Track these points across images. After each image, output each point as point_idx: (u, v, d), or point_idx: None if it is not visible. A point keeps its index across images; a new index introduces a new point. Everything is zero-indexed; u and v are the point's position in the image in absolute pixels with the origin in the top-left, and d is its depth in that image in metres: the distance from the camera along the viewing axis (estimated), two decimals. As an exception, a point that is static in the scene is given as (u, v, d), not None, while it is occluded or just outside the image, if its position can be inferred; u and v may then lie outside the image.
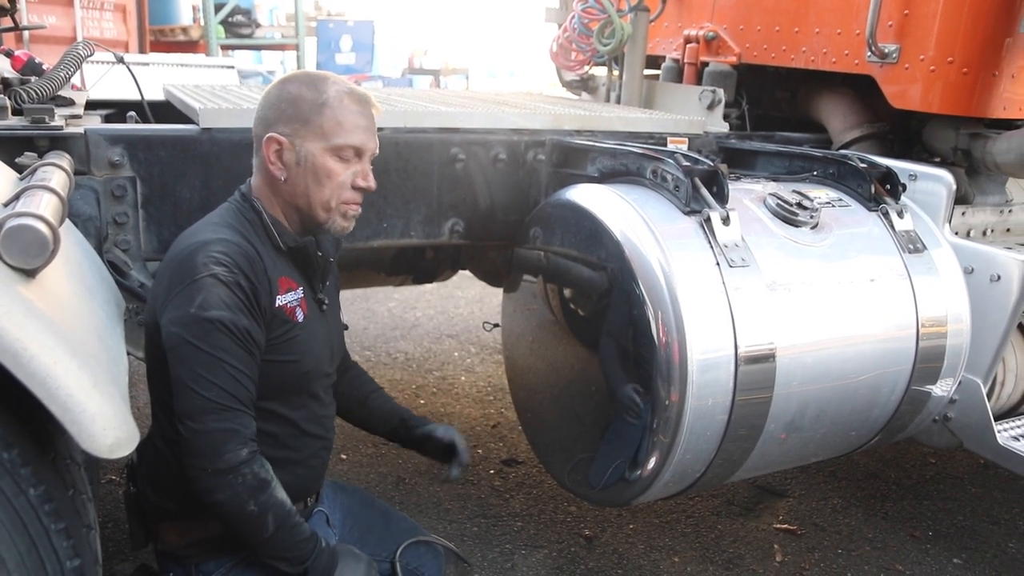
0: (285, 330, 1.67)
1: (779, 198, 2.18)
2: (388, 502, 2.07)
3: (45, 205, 1.40)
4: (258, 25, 11.75)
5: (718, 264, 1.97)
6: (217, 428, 1.51)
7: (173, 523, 1.72)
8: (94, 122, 2.30)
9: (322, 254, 1.79)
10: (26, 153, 1.91)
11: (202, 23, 10.66)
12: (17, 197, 1.45)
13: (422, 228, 2.48)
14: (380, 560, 1.84)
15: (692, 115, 2.99)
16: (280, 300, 1.66)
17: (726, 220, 2.02)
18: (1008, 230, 2.71)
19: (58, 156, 1.91)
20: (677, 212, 2.06)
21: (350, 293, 5.07)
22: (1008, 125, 2.63)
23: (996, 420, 2.37)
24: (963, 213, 2.59)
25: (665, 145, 2.72)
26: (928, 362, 2.23)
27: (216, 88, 2.98)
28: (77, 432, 1.24)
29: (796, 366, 2.02)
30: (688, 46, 3.32)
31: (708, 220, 2.02)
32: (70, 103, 2.39)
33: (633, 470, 2.05)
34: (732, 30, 3.20)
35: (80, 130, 2.07)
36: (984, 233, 2.65)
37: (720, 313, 1.94)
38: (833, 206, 2.29)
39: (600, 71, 3.74)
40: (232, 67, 7.41)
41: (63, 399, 1.23)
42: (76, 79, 2.94)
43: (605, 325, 2.12)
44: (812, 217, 2.16)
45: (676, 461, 1.99)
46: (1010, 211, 2.72)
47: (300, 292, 1.72)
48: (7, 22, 2.92)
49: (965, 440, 2.41)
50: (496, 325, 2.81)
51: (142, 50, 8.70)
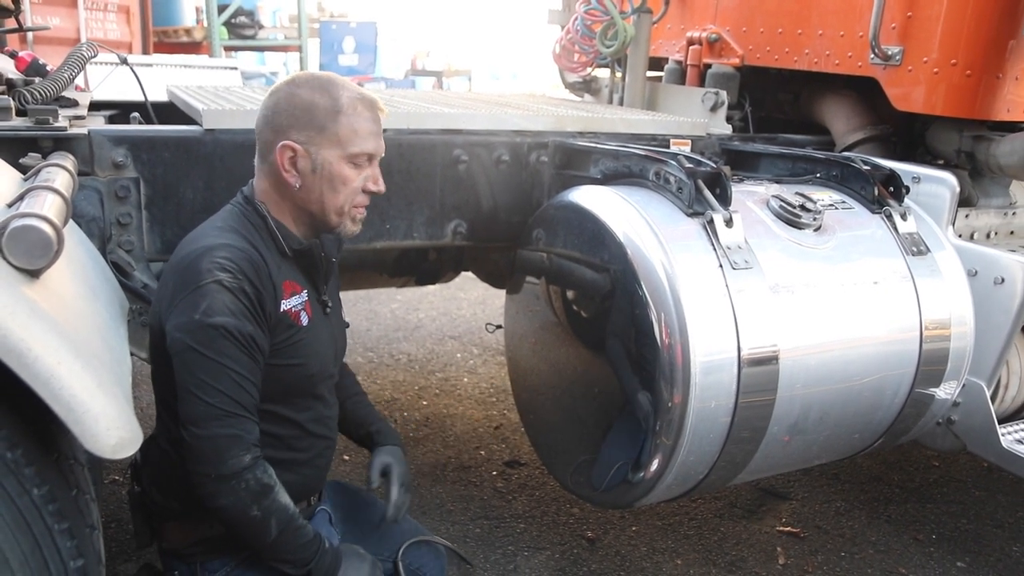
0: (290, 334, 1.67)
1: (782, 200, 2.18)
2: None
3: (49, 206, 1.40)
4: (261, 26, 11.74)
5: (721, 266, 1.97)
6: (220, 434, 1.51)
7: (178, 522, 1.72)
8: (98, 123, 2.31)
9: (324, 255, 1.80)
10: (30, 154, 1.91)
11: (205, 24, 10.66)
12: (21, 198, 1.45)
13: (425, 229, 2.48)
14: (382, 560, 1.83)
15: (695, 117, 2.99)
16: (285, 305, 1.66)
17: (729, 222, 2.02)
18: (1012, 233, 2.70)
19: (62, 157, 1.91)
20: (680, 214, 2.06)
21: (353, 294, 5.07)
22: (1012, 127, 2.62)
23: (1000, 423, 2.36)
24: (967, 215, 2.59)
25: (668, 147, 2.72)
26: (932, 365, 2.23)
27: (219, 89, 2.98)
28: (81, 432, 1.24)
29: (799, 368, 2.01)
30: (691, 48, 3.31)
31: (711, 222, 2.02)
32: (74, 104, 2.39)
33: (636, 472, 2.04)
34: (735, 32, 3.20)
35: (84, 131, 2.08)
36: (988, 236, 2.64)
37: (723, 315, 1.93)
38: (836, 208, 2.29)
39: (603, 73, 3.73)
40: (235, 68, 7.42)
41: (67, 399, 1.23)
42: (80, 80, 2.94)
43: (608, 327, 2.12)
44: (815, 219, 2.16)
45: (679, 463, 1.99)
46: (1014, 213, 2.71)
47: (304, 295, 1.72)
48: (11, 23, 2.93)
49: (969, 443, 2.40)
50: (499, 327, 2.81)
51: (145, 51, 8.71)
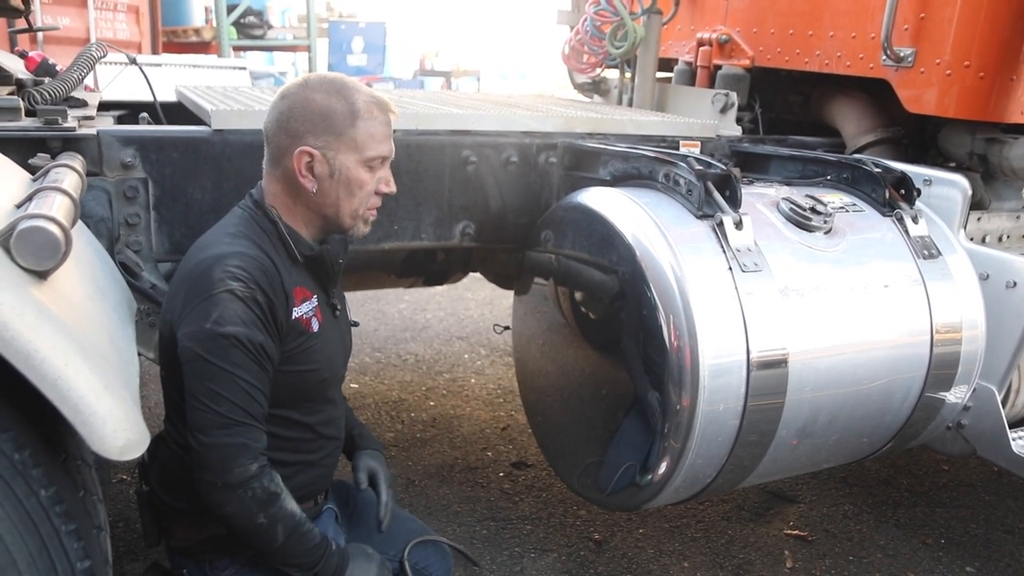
0: (301, 341, 1.67)
1: (792, 202, 2.17)
2: (396, 503, 2.06)
3: (57, 207, 1.40)
4: (270, 26, 11.76)
5: (730, 269, 1.96)
6: (228, 443, 1.51)
7: (186, 520, 1.72)
8: (107, 123, 2.31)
9: (332, 258, 1.79)
10: (39, 154, 1.91)
11: (214, 24, 10.69)
12: (30, 198, 1.45)
13: (433, 230, 2.48)
14: (388, 559, 1.83)
15: (705, 118, 2.97)
16: (296, 312, 1.66)
17: (739, 224, 2.01)
18: (1024, 236, 2.69)
19: (71, 157, 1.91)
20: (689, 216, 2.05)
21: (361, 294, 5.08)
22: (1025, 130, 2.61)
23: (1011, 427, 2.34)
24: (978, 219, 2.57)
25: (677, 148, 2.71)
26: (942, 369, 2.21)
27: (228, 89, 2.99)
28: (88, 434, 1.24)
29: (809, 371, 2.00)
30: (701, 49, 3.30)
31: (721, 224, 2.01)
32: (83, 104, 2.39)
33: (644, 475, 2.04)
34: (745, 33, 3.19)
35: (93, 131, 2.08)
36: (1000, 239, 2.63)
37: (732, 318, 1.92)
38: (847, 211, 2.27)
39: (612, 74, 3.73)
40: (244, 68, 7.44)
41: (74, 401, 1.23)
42: (89, 80, 2.95)
43: (616, 329, 2.11)
44: (826, 222, 2.15)
45: (687, 466, 1.98)
46: (1027, 216, 2.70)
47: (314, 300, 1.72)
48: (21, 23, 2.93)
49: (979, 447, 2.38)
50: (506, 328, 2.80)
51: (155, 51, 8.74)
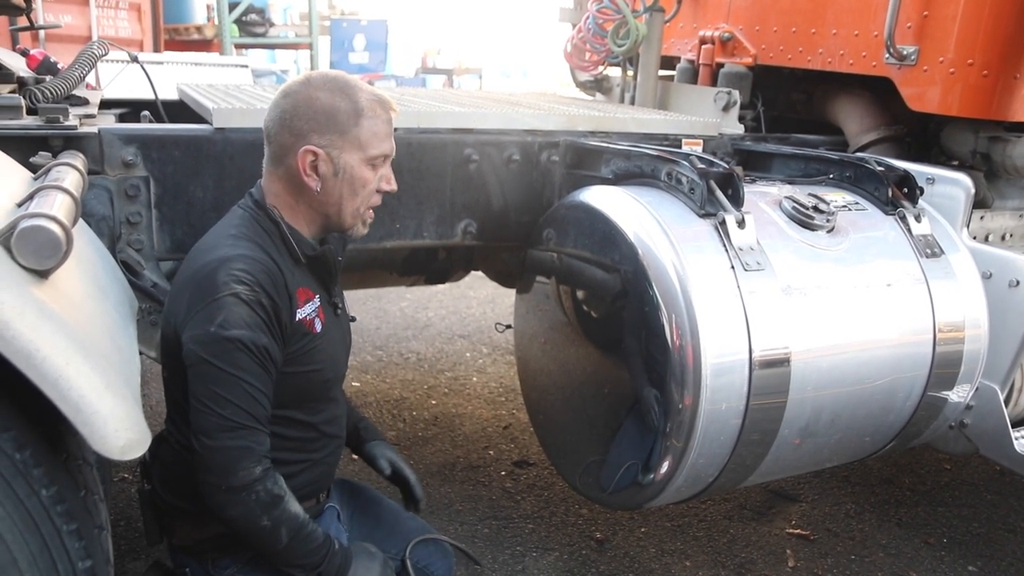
0: (305, 342, 1.67)
1: (795, 201, 2.16)
2: (398, 502, 2.06)
3: (58, 206, 1.40)
4: (272, 24, 11.77)
5: (733, 267, 1.96)
6: (231, 446, 1.51)
7: (188, 519, 1.72)
8: (108, 121, 2.31)
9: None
10: (40, 152, 1.91)
11: (216, 22, 10.70)
12: (31, 197, 1.45)
13: (435, 229, 2.47)
14: (390, 557, 1.83)
15: (707, 117, 2.97)
16: (300, 314, 1.65)
17: (741, 223, 2.00)
18: (1027, 234, 2.68)
19: (72, 156, 1.91)
20: (692, 215, 2.05)
21: (362, 292, 5.08)
22: (1028, 128, 2.60)
23: (1013, 427, 2.34)
24: (981, 217, 2.57)
25: (680, 147, 2.71)
26: (945, 368, 2.21)
27: (230, 87, 2.98)
28: (89, 434, 1.24)
29: (811, 371, 2.00)
30: (703, 47, 3.30)
31: (723, 223, 2.00)
32: (84, 102, 2.39)
33: (645, 474, 2.03)
34: (748, 31, 3.18)
35: (94, 129, 2.08)
36: (1003, 238, 2.62)
37: (735, 317, 1.92)
38: (849, 209, 2.27)
39: (614, 72, 3.72)
40: (246, 66, 7.45)
41: (75, 400, 1.23)
42: (91, 78, 2.95)
43: (618, 328, 2.11)
44: (828, 221, 2.14)
45: (689, 465, 1.98)
46: (1030, 215, 2.69)
47: (317, 301, 1.72)
48: (23, 21, 2.94)
49: (981, 446, 2.38)
50: (508, 326, 2.80)
51: (156, 49, 8.75)
